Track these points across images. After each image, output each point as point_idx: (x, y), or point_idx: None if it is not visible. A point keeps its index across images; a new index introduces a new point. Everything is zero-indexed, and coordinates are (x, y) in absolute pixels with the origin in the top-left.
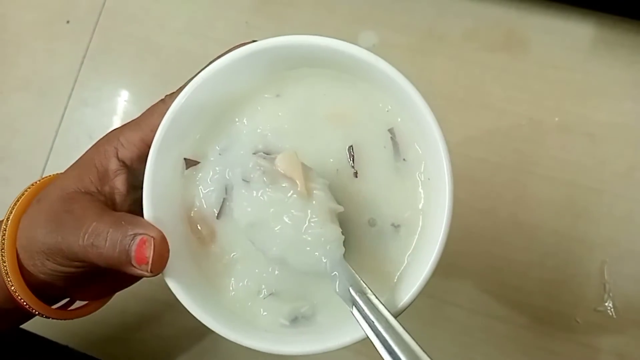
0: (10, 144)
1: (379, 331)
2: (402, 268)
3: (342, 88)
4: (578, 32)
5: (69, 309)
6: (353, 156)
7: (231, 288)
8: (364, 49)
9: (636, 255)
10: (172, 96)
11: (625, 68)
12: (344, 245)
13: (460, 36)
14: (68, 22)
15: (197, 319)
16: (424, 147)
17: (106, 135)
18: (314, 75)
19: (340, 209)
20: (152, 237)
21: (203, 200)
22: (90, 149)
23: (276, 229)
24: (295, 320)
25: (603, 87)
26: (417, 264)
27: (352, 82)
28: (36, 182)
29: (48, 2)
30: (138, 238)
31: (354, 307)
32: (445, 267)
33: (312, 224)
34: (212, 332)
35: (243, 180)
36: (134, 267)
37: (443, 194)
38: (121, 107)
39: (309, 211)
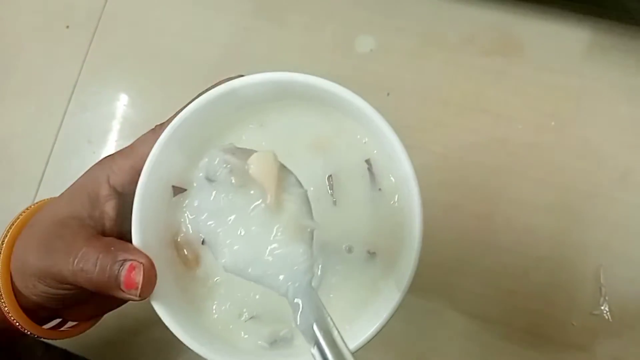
0: (9, 148)
1: None
2: (376, 294)
3: (323, 119)
4: (574, 36)
5: (60, 329)
6: (332, 185)
7: (214, 311)
8: (339, 85)
9: (631, 258)
10: (162, 126)
11: (620, 72)
12: (319, 270)
13: (457, 41)
14: (68, 26)
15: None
16: (397, 178)
17: (99, 161)
18: (296, 107)
19: (315, 226)
20: (141, 263)
21: (189, 226)
22: (83, 175)
23: (234, 242)
24: (275, 342)
25: (598, 91)
26: (389, 292)
27: (332, 114)
28: (31, 207)
29: (48, 7)
30: (127, 264)
31: (315, 346)
32: (441, 271)
33: (277, 243)
34: None
35: (206, 179)
36: (123, 291)
37: (415, 223)
38: (120, 112)
39: (276, 227)
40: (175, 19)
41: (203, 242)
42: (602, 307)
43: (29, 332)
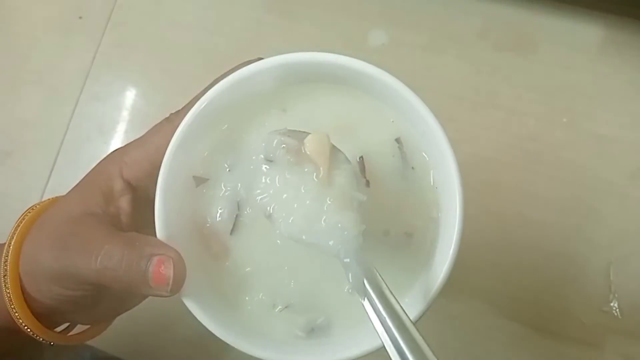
0: (22, 137)
1: (390, 328)
2: (417, 277)
3: (347, 101)
4: (587, 33)
5: (70, 333)
6: (364, 166)
7: (247, 303)
8: (365, 62)
9: None
10: (179, 114)
11: (633, 69)
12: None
13: (470, 36)
14: (81, 17)
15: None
16: (430, 155)
17: (108, 155)
18: (318, 89)
19: (362, 197)
20: (170, 257)
21: (215, 216)
22: (91, 170)
23: (294, 209)
24: (312, 331)
25: (611, 88)
26: (431, 273)
27: (355, 95)
28: (36, 206)
29: None
30: (155, 259)
31: (366, 299)
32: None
33: (329, 211)
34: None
35: (266, 159)
36: (151, 287)
37: (453, 200)
38: (132, 102)
39: (327, 198)
40: (187, 11)
41: (231, 233)
42: (612, 304)
43: (39, 338)
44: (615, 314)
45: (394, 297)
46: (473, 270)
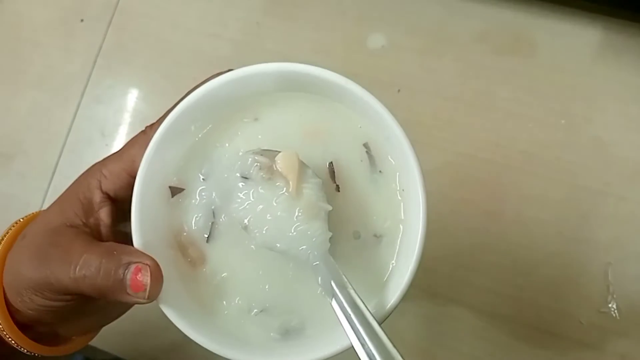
0: (24, 140)
1: (356, 325)
2: (386, 276)
3: (316, 108)
4: (586, 36)
5: (56, 345)
6: (333, 171)
7: (224, 308)
8: (330, 71)
9: None
10: (153, 127)
11: (631, 72)
12: (330, 248)
13: (469, 38)
14: (82, 20)
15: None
16: (396, 158)
17: (89, 168)
18: (288, 99)
19: (328, 207)
20: (147, 264)
21: (192, 224)
22: (73, 183)
23: (267, 221)
24: (286, 333)
25: (609, 91)
26: (399, 271)
27: (324, 102)
28: (20, 220)
29: (63, 1)
30: (132, 266)
31: (333, 299)
32: (450, 266)
33: (299, 221)
34: None
35: (242, 177)
36: (129, 295)
37: (417, 202)
38: (133, 105)
39: (297, 209)
40: (188, 13)
41: (207, 241)
42: (610, 305)
43: (23, 349)
44: (614, 315)
45: (359, 296)
46: (471, 271)
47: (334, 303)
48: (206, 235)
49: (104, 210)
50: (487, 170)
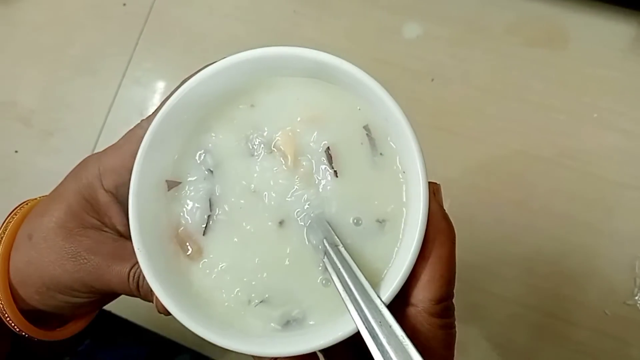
0: (64, 118)
1: (344, 278)
2: (391, 261)
3: (314, 92)
4: (619, 30)
5: (58, 329)
6: (331, 157)
7: (224, 300)
8: (326, 53)
9: None
10: (149, 119)
11: None
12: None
13: (502, 30)
14: (124, 4)
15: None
16: (396, 141)
17: (83, 162)
18: (286, 83)
19: (322, 178)
20: None
21: (188, 218)
22: (68, 178)
23: (271, 186)
24: (288, 324)
25: (639, 86)
26: (403, 254)
27: (322, 86)
28: (17, 211)
29: None
30: None
31: (325, 257)
32: (475, 254)
33: (296, 188)
34: None
35: (247, 152)
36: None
37: (417, 181)
38: (171, 88)
39: (295, 178)
40: (225, 1)
41: (204, 234)
42: (636, 298)
43: (24, 334)
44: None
45: (349, 254)
46: (496, 260)
47: (325, 260)
48: (203, 226)
49: (113, 210)
50: (516, 160)
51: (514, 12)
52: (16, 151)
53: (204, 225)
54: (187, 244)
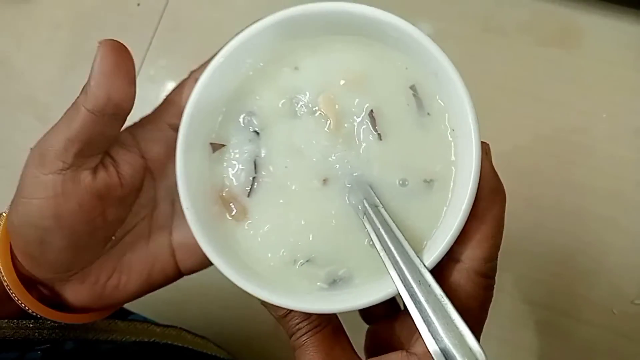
0: None
1: (384, 238)
2: (440, 220)
3: (358, 52)
4: (632, 30)
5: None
6: (374, 119)
7: (269, 260)
8: (374, 7)
9: None
10: (199, 71)
11: None
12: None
13: (515, 28)
14: (139, 4)
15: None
16: (445, 99)
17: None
18: (329, 43)
19: (365, 141)
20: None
21: (233, 179)
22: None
23: (314, 145)
24: (334, 283)
25: None
26: (454, 213)
27: (367, 45)
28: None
29: None
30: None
31: (365, 217)
32: None
33: (339, 149)
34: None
35: (291, 113)
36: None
37: (469, 138)
38: None
39: (338, 140)
40: None
41: (249, 195)
42: None
43: (32, 311)
44: None
45: (389, 215)
46: (506, 256)
47: (364, 220)
48: (247, 189)
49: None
50: (528, 158)
51: (528, 11)
52: (32, 149)
53: (249, 188)
54: (232, 204)
